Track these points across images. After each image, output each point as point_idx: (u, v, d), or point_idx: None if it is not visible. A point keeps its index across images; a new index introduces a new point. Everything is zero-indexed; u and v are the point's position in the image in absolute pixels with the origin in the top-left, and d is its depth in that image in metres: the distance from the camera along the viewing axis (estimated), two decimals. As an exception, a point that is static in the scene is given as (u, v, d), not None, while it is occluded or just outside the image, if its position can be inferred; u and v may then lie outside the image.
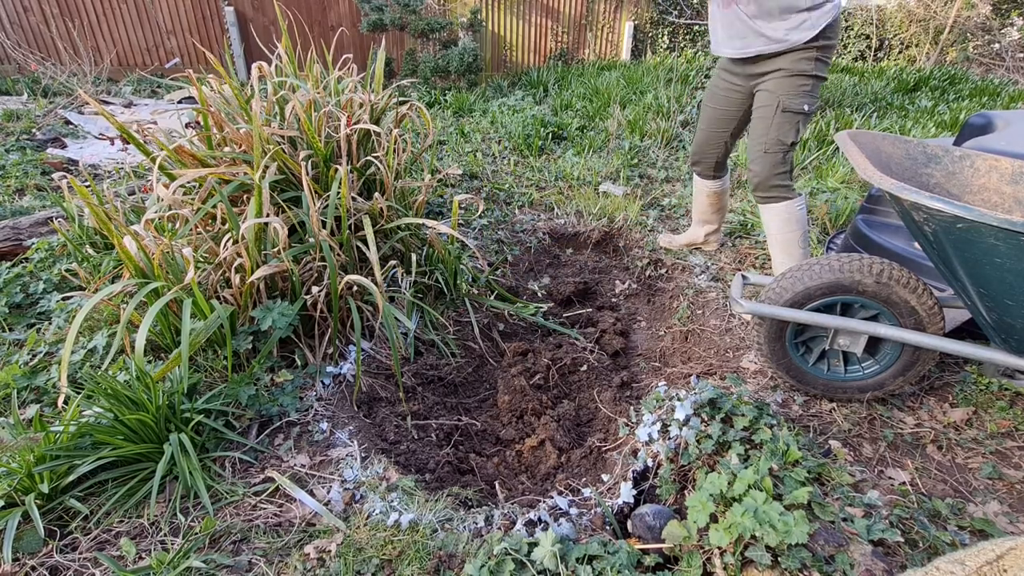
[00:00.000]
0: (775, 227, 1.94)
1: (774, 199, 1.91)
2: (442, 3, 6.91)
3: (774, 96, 1.81)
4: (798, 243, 1.94)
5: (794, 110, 1.79)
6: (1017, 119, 2.11)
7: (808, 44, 1.72)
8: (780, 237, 1.95)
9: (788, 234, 1.93)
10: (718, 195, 2.41)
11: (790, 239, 1.94)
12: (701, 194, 2.43)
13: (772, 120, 1.82)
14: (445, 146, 4.35)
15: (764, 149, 1.85)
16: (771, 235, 1.98)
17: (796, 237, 1.93)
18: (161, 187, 1.64)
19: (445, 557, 1.22)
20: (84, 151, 4.02)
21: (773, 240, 1.98)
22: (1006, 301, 1.29)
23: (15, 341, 1.88)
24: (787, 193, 1.90)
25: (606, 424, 1.82)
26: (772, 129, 1.82)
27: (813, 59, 1.74)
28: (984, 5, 8.30)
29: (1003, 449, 1.58)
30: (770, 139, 1.83)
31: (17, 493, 1.28)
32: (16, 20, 5.87)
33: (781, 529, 1.06)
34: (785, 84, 1.79)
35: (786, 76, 1.78)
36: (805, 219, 1.94)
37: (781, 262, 2.00)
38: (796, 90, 1.77)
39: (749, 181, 1.94)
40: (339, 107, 2.24)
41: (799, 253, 1.96)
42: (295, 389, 1.67)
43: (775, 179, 1.87)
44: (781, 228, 1.93)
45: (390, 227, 2.10)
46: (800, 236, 1.94)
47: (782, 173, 1.87)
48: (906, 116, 5.17)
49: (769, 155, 1.84)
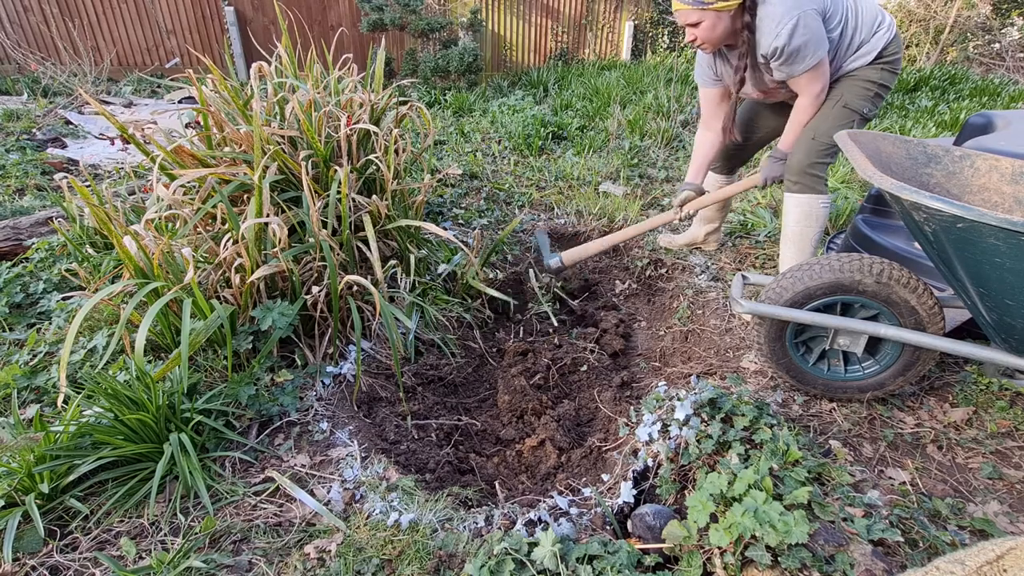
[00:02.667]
0: (793, 218, 1.93)
1: (802, 188, 1.90)
2: (442, 3, 6.90)
3: (839, 92, 1.85)
4: (811, 241, 1.94)
5: (854, 108, 1.83)
6: (1017, 119, 2.11)
7: (872, 63, 1.81)
8: (796, 229, 1.94)
9: (805, 229, 1.92)
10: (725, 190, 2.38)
11: (805, 234, 1.93)
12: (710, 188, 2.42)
13: (830, 112, 1.85)
14: (445, 146, 4.35)
15: (813, 135, 1.86)
16: (787, 227, 1.96)
17: (811, 234, 1.93)
18: (161, 187, 1.64)
19: (445, 557, 1.22)
20: (84, 151, 4.02)
21: (787, 233, 1.97)
22: (1006, 301, 1.29)
23: (15, 341, 1.89)
24: (817, 185, 1.90)
25: (606, 424, 1.82)
26: (828, 120, 1.84)
27: (879, 69, 1.81)
28: (984, 5, 8.30)
29: (1003, 449, 1.58)
30: (822, 129, 1.85)
31: (17, 493, 1.29)
32: (16, 20, 5.87)
33: (781, 529, 1.06)
34: (851, 86, 1.83)
35: (854, 81, 1.83)
36: (825, 220, 1.94)
37: (789, 257, 1.99)
38: (861, 92, 1.82)
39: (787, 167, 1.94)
40: (339, 107, 2.24)
41: (809, 251, 1.95)
42: (295, 389, 1.67)
43: (811, 168, 1.87)
44: (799, 220, 1.92)
45: (390, 227, 2.10)
46: (814, 235, 1.93)
47: (819, 164, 1.87)
48: (906, 116, 5.17)
49: (816, 142, 1.85)
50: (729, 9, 1.69)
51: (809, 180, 1.89)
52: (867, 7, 1.82)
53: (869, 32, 1.80)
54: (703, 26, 1.73)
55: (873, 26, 1.80)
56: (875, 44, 1.79)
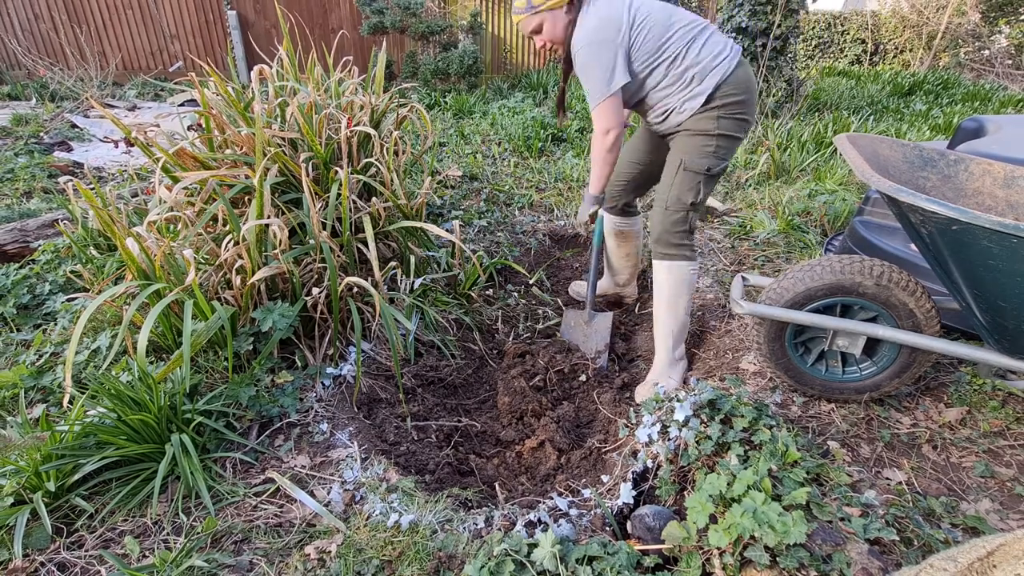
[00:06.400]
0: (664, 284, 1.86)
1: (664, 256, 1.84)
2: (442, 5, 6.93)
3: (677, 155, 1.76)
4: (684, 307, 1.86)
5: (695, 170, 1.73)
6: (1008, 123, 2.13)
7: (704, 108, 1.69)
8: (667, 295, 1.86)
9: (677, 297, 1.85)
10: (624, 235, 2.29)
11: (678, 301, 1.86)
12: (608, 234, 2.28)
13: (674, 178, 1.77)
14: (445, 148, 4.37)
15: (665, 206, 1.79)
16: (659, 291, 1.89)
17: (683, 300, 1.86)
18: (164, 189, 1.66)
19: (445, 558, 1.23)
20: (89, 154, 4.04)
21: (660, 296, 1.89)
22: (999, 303, 1.30)
23: (22, 341, 1.90)
24: (681, 251, 1.82)
25: (606, 425, 1.83)
26: (673, 187, 1.77)
27: (714, 118, 1.69)
28: (974, 12, 8.37)
29: (995, 448, 1.59)
30: (671, 197, 1.78)
31: (25, 491, 1.30)
32: (28, 27, 5.93)
33: (780, 529, 1.07)
34: (688, 144, 1.73)
35: (689, 136, 1.73)
36: (693, 285, 1.86)
37: (664, 321, 1.90)
38: (699, 150, 1.72)
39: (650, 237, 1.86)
40: (339, 109, 2.26)
41: (683, 315, 1.88)
42: (295, 390, 1.68)
43: (672, 237, 1.80)
44: (672, 286, 1.85)
45: (390, 229, 2.11)
46: (687, 300, 1.86)
47: (680, 232, 1.80)
48: (902, 119, 5.19)
49: (669, 212, 1.78)
50: (560, 6, 1.69)
51: (671, 248, 1.82)
52: (714, 40, 1.68)
53: (705, 69, 1.65)
54: (545, 29, 1.73)
55: (713, 61, 1.65)
56: (706, 86, 1.65)
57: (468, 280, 2.38)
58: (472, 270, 2.39)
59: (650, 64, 1.69)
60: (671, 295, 1.85)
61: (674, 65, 1.68)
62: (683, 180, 1.75)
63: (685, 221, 1.80)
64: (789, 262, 2.68)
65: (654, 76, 1.71)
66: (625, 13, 1.65)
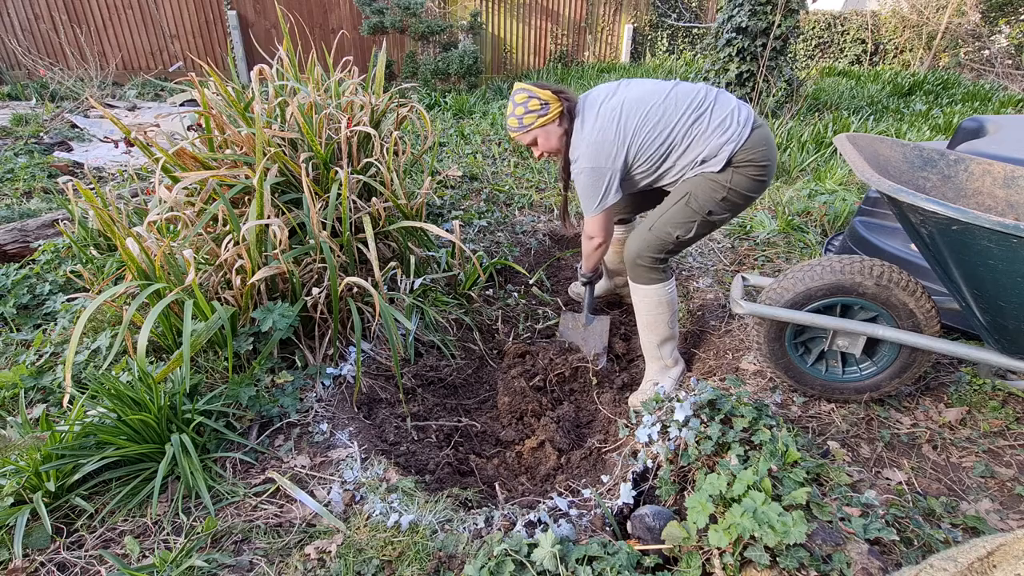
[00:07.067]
0: (640, 305, 1.86)
1: (637, 278, 1.82)
2: (442, 5, 6.94)
3: (686, 187, 1.73)
4: (666, 323, 1.85)
5: (697, 208, 1.69)
6: (1008, 124, 2.13)
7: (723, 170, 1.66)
8: (648, 317, 1.86)
9: (657, 316, 1.84)
10: (621, 241, 2.26)
11: (658, 320, 1.84)
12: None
13: (673, 206, 1.74)
14: (445, 148, 4.37)
15: (650, 227, 1.77)
16: (637, 311, 1.89)
17: (664, 318, 1.84)
18: (164, 189, 1.66)
19: (445, 558, 1.23)
20: (89, 154, 4.04)
21: (639, 315, 1.89)
22: (999, 303, 1.30)
23: (22, 341, 1.90)
24: (652, 275, 1.80)
25: (606, 425, 1.83)
26: (668, 214, 1.74)
27: (732, 174, 1.66)
28: (974, 12, 8.38)
29: (995, 448, 1.59)
30: (660, 221, 1.75)
31: (25, 491, 1.30)
32: (28, 27, 5.93)
33: (780, 529, 1.07)
34: (701, 182, 1.70)
35: (706, 180, 1.70)
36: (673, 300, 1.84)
37: (646, 337, 1.90)
38: (708, 193, 1.69)
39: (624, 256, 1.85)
40: (339, 109, 2.26)
41: (666, 332, 1.87)
42: (295, 390, 1.68)
43: (645, 260, 1.78)
44: (649, 309, 1.84)
45: (390, 229, 2.11)
46: (668, 317, 1.84)
47: (653, 258, 1.77)
48: (902, 119, 5.19)
49: (651, 233, 1.76)
50: (552, 121, 1.73)
51: (643, 272, 1.80)
52: (715, 117, 1.65)
53: (714, 149, 1.64)
54: (540, 143, 1.78)
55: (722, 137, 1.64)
56: (720, 158, 1.64)
57: (468, 280, 2.39)
58: (472, 270, 2.39)
59: (657, 164, 1.71)
60: (649, 316, 1.86)
61: (685, 155, 1.69)
62: (680, 211, 1.72)
63: (662, 250, 1.77)
64: (789, 262, 2.68)
65: (664, 166, 1.73)
66: (619, 134, 1.65)
